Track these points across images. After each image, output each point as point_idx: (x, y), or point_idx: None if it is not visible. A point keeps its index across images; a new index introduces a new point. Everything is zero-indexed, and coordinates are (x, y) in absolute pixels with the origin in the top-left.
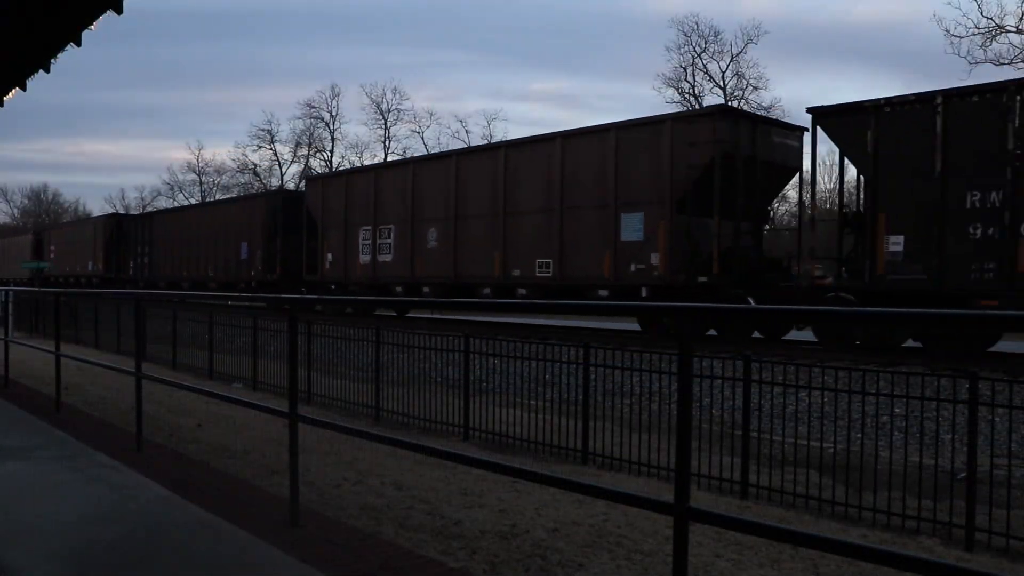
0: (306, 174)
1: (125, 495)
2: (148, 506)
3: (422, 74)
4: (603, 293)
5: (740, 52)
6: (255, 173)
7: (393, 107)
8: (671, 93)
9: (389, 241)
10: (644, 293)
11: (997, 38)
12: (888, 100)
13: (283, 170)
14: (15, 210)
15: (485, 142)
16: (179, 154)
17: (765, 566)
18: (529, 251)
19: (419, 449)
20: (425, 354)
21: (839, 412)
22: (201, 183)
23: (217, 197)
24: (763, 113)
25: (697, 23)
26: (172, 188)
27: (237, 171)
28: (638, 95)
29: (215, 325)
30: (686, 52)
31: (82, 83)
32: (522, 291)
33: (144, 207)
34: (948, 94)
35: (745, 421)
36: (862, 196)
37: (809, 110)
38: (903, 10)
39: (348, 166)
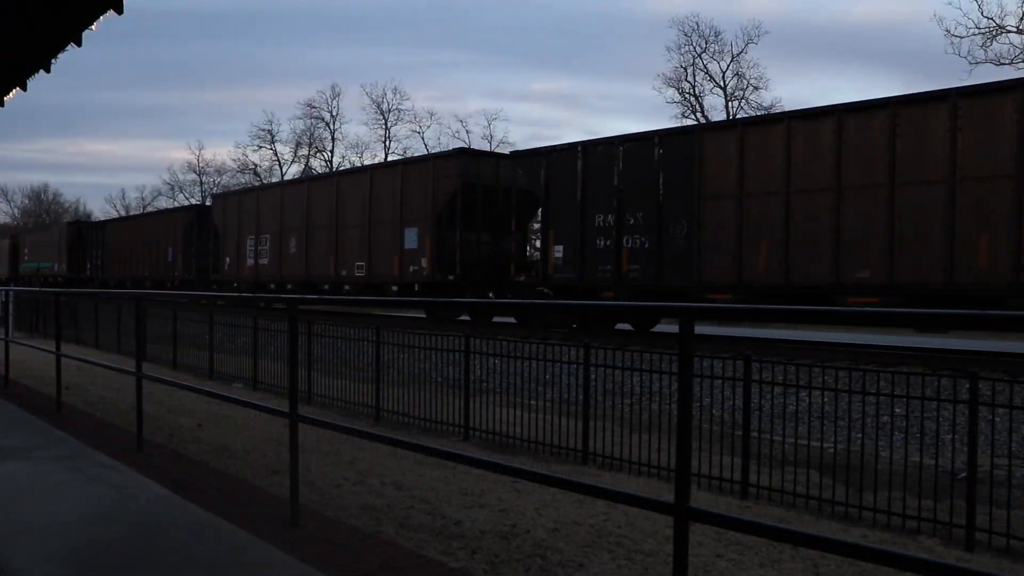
0: (306, 174)
1: (125, 495)
2: (148, 506)
3: (423, 74)
4: (394, 288)
5: (740, 52)
6: (255, 173)
7: (393, 107)
8: (671, 93)
9: (266, 247)
10: (416, 288)
11: (997, 38)
12: (552, 147)
13: (283, 170)
14: (15, 210)
15: (427, 152)
16: (180, 154)
17: (765, 566)
18: (352, 256)
19: (419, 449)
20: (425, 354)
21: (839, 412)
22: (202, 183)
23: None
24: (763, 112)
25: (698, 23)
26: (172, 188)
27: (238, 171)
28: (639, 95)
29: (215, 325)
30: (686, 52)
31: (83, 83)
32: (347, 287)
33: (145, 207)
34: (585, 145)
35: (745, 421)
36: (539, 216)
37: (510, 152)
38: (903, 10)
39: (348, 166)
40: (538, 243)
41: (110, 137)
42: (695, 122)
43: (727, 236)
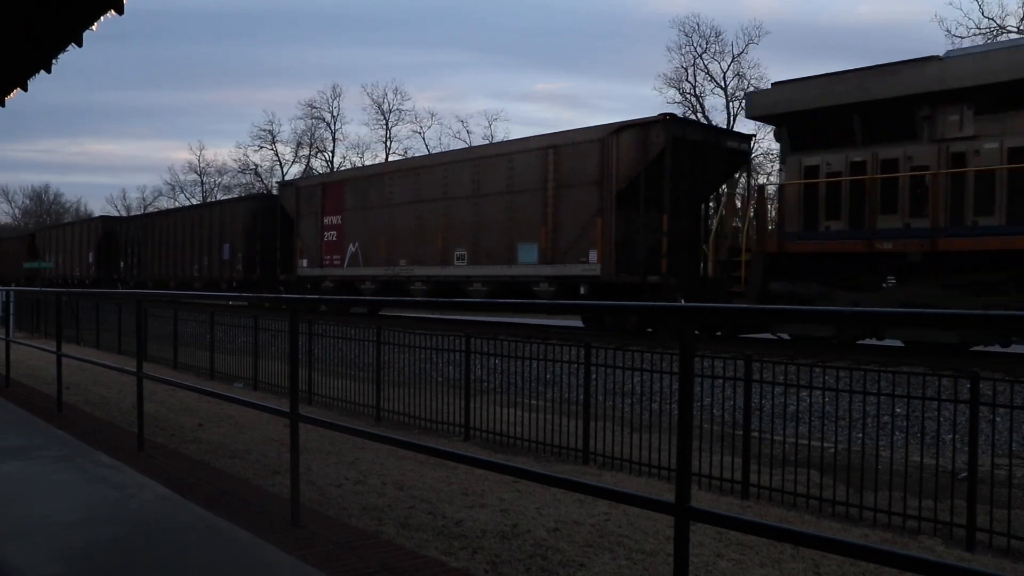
0: (307, 174)
1: (126, 494)
2: (149, 506)
3: (426, 75)
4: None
5: (741, 52)
6: (256, 173)
7: (394, 107)
8: (672, 93)
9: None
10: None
11: (998, 39)
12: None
13: (284, 170)
14: (16, 210)
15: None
16: (181, 154)
17: (766, 566)
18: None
19: (420, 449)
20: (426, 354)
21: (840, 412)
22: (202, 183)
23: (219, 197)
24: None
25: (698, 23)
26: (173, 188)
27: (239, 171)
28: (641, 95)
29: (216, 325)
30: (687, 52)
31: (85, 83)
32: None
33: (145, 207)
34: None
35: (746, 421)
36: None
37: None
38: (904, 10)
39: (349, 166)
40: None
41: (112, 137)
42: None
43: None
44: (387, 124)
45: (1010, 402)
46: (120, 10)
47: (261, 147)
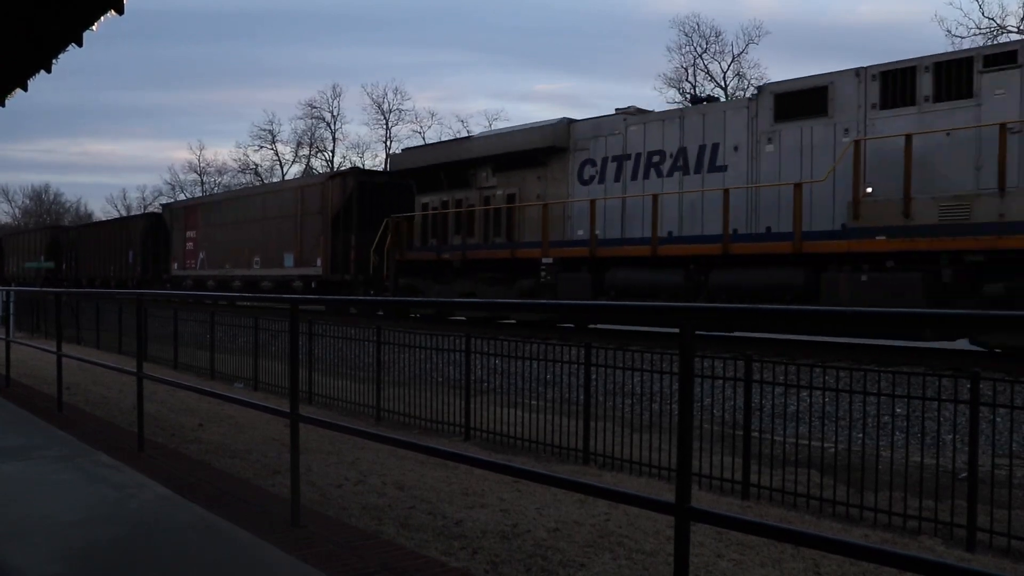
0: (307, 174)
1: (126, 495)
2: (149, 506)
3: (426, 75)
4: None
5: (741, 52)
6: (256, 173)
7: (394, 107)
8: (672, 93)
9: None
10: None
11: (999, 38)
12: (172, 204)
13: (284, 170)
14: (16, 210)
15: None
16: (181, 154)
17: (767, 566)
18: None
19: (420, 449)
20: (426, 354)
21: (840, 412)
22: (202, 183)
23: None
24: None
25: (698, 23)
26: (173, 188)
27: (239, 171)
28: (642, 96)
29: (216, 325)
30: (687, 52)
31: (86, 84)
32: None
33: (146, 207)
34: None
35: (746, 421)
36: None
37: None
38: (905, 10)
39: (349, 166)
40: None
41: (113, 137)
42: None
43: None
44: (387, 124)
45: (1010, 402)
46: (120, 10)
47: (261, 147)
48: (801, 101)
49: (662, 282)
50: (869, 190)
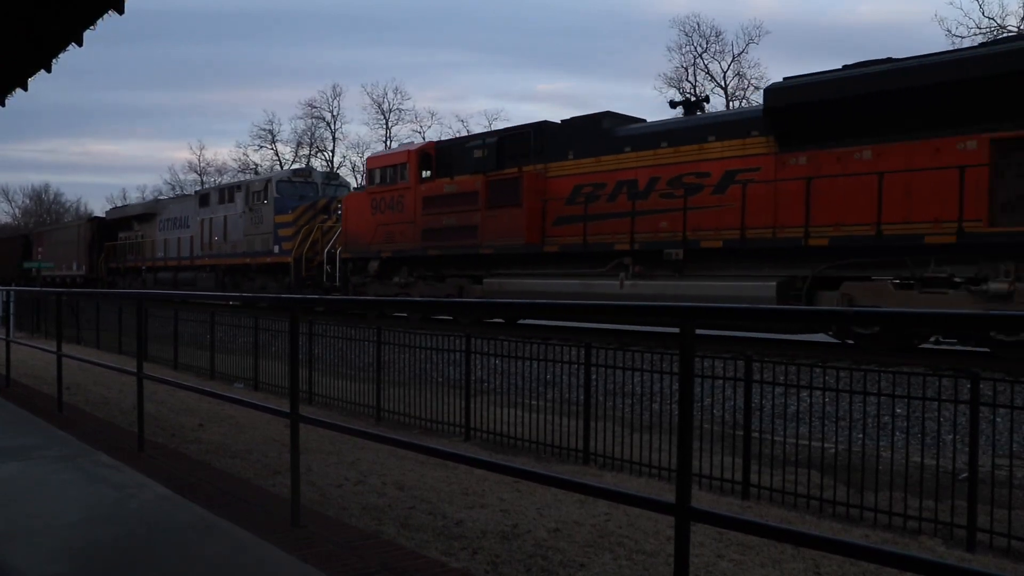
0: (122, 206)
1: (126, 495)
2: (149, 506)
3: (428, 75)
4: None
5: (741, 52)
6: (256, 173)
7: (394, 107)
8: (673, 93)
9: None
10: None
11: (999, 37)
12: (111, 211)
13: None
14: (16, 210)
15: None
16: (181, 154)
17: (767, 566)
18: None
19: (421, 449)
20: (426, 354)
21: (840, 412)
22: (203, 183)
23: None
24: None
25: (698, 23)
26: (173, 188)
27: (239, 171)
28: (643, 96)
29: (216, 325)
30: (687, 52)
31: (88, 84)
32: None
33: None
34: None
35: (746, 421)
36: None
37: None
38: (907, 9)
39: (349, 165)
40: None
41: (114, 137)
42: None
43: None
44: (387, 124)
45: (1010, 402)
46: (120, 10)
47: (261, 147)
48: (213, 198)
49: (189, 279)
50: (216, 238)
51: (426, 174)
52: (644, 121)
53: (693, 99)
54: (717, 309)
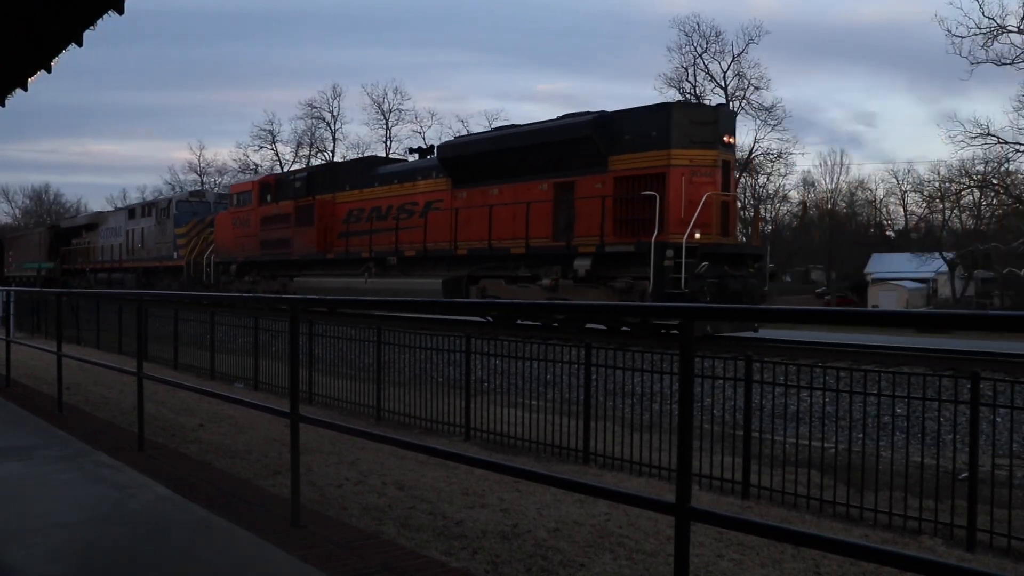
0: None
1: (127, 495)
2: (149, 506)
3: (429, 75)
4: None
5: (741, 52)
6: (256, 173)
7: (394, 107)
8: (673, 93)
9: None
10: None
11: (999, 38)
12: (61, 221)
13: (284, 170)
14: (16, 210)
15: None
16: (181, 154)
17: (767, 566)
18: None
19: (421, 449)
20: (427, 354)
21: (840, 412)
22: (203, 183)
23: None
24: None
25: (698, 23)
26: (173, 188)
27: (239, 171)
28: (643, 96)
29: (216, 325)
30: (687, 52)
31: (88, 84)
32: None
33: None
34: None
35: (746, 421)
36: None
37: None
38: (908, 9)
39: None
40: None
41: (115, 138)
42: None
43: None
44: (387, 124)
45: (1010, 402)
46: (120, 10)
47: (261, 147)
48: (137, 212)
49: (119, 279)
50: (139, 245)
51: (270, 198)
52: (405, 161)
53: (424, 148)
54: (718, 309)
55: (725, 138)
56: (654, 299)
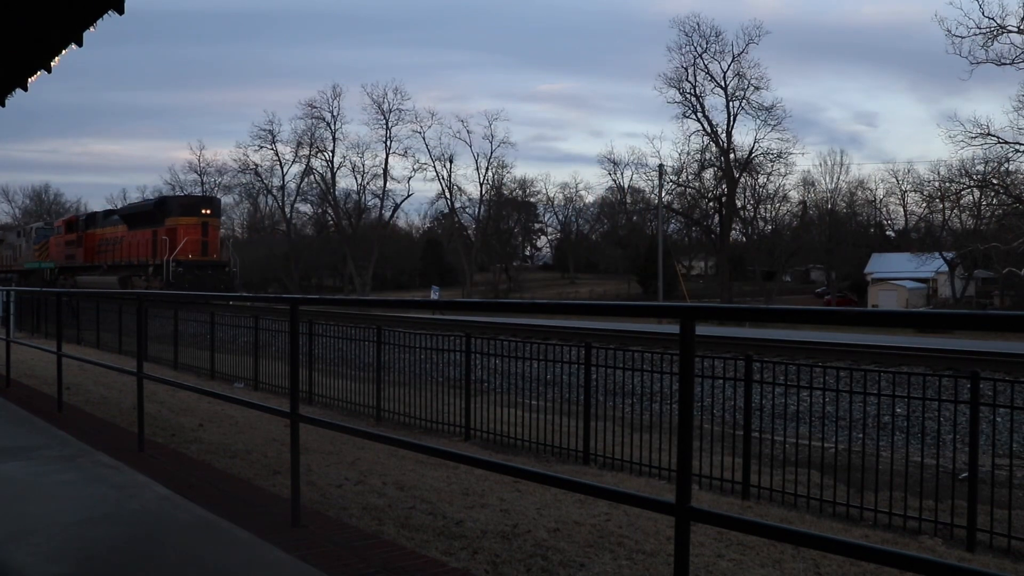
0: (309, 173)
1: (127, 495)
2: (149, 506)
3: (430, 75)
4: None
5: (741, 52)
6: (256, 173)
7: (394, 107)
8: (672, 93)
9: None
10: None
11: (999, 38)
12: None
13: (284, 170)
14: (16, 210)
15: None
16: (181, 154)
17: (767, 566)
18: None
19: (421, 449)
20: (427, 354)
21: (840, 412)
22: (203, 183)
23: (219, 196)
24: (764, 111)
25: (699, 23)
26: (173, 188)
27: (239, 171)
28: (643, 96)
29: (216, 325)
30: (688, 52)
31: (89, 84)
32: None
33: None
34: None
35: (746, 421)
36: None
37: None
38: (909, 9)
39: (349, 166)
40: None
41: (115, 138)
42: (696, 122)
43: None
44: (387, 124)
45: (1010, 402)
46: (120, 10)
47: (261, 147)
48: (22, 232)
49: (7, 279)
50: (20, 255)
51: (69, 230)
52: (115, 214)
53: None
54: (718, 309)
55: (203, 211)
56: (163, 287)
